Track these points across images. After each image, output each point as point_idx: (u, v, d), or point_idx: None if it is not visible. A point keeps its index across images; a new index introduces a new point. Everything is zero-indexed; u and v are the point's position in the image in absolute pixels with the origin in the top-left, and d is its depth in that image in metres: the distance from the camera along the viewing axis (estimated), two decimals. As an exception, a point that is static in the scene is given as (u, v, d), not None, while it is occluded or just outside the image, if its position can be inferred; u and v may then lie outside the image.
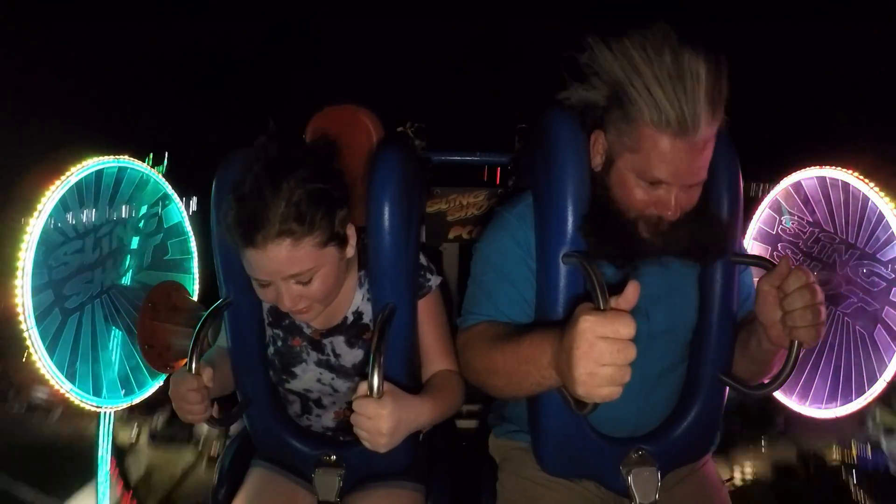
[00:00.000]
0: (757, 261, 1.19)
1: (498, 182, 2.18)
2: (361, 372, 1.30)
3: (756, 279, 1.10)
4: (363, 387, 0.98)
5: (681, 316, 1.24)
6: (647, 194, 1.09)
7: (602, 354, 0.78)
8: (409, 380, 1.24)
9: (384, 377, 0.98)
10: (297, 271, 1.09)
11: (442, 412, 1.18)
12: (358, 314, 1.30)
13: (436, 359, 1.29)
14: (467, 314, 1.23)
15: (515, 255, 1.20)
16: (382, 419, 0.97)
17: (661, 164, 1.04)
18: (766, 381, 1.11)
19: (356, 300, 1.29)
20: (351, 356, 1.30)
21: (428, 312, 1.29)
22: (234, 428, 1.70)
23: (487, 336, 1.13)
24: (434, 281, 1.31)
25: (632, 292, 0.82)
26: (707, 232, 1.15)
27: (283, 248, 1.05)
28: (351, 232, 1.18)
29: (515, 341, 1.02)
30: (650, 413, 1.25)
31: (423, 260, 1.31)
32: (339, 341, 1.30)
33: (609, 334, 0.78)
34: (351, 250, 1.20)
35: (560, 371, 0.88)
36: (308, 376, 1.32)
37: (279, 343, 1.33)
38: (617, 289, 0.83)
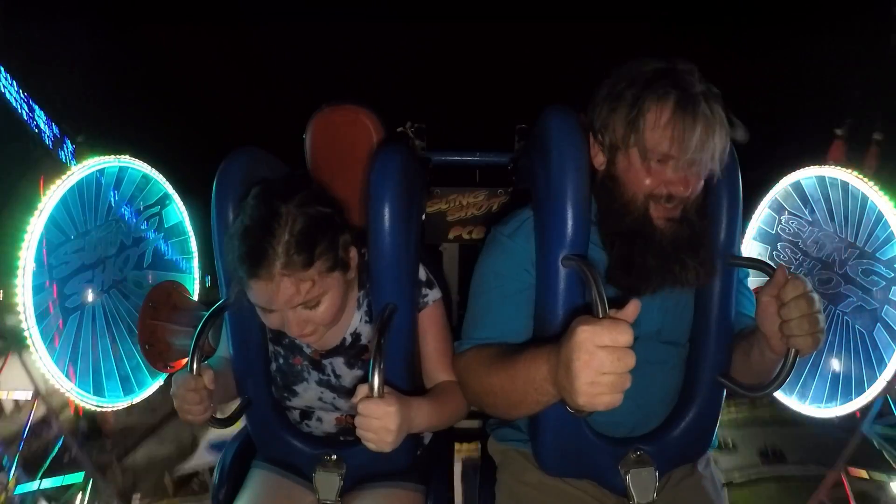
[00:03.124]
0: (754, 263, 1.19)
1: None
2: None
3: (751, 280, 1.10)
4: (363, 389, 0.98)
5: (677, 318, 1.24)
6: (655, 177, 1.09)
7: (602, 363, 0.78)
8: (408, 383, 1.24)
9: (384, 381, 0.98)
10: (304, 300, 1.08)
11: (441, 417, 1.18)
12: (356, 335, 1.29)
13: (439, 369, 1.28)
14: (465, 338, 1.22)
15: (511, 273, 1.19)
16: (390, 417, 0.97)
17: (665, 135, 1.06)
18: (763, 384, 1.11)
19: (354, 321, 1.28)
20: (351, 376, 1.30)
21: (430, 322, 1.28)
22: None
23: (482, 359, 1.12)
24: (432, 296, 1.29)
25: (632, 310, 0.82)
26: (703, 254, 1.14)
27: (289, 281, 1.05)
28: (353, 255, 1.18)
29: (510, 362, 1.01)
30: (647, 413, 1.25)
31: (422, 274, 1.29)
32: (338, 362, 1.29)
33: (608, 343, 0.78)
34: (353, 272, 1.19)
35: (559, 384, 0.87)
36: (309, 395, 1.32)
37: (281, 360, 1.32)
38: (617, 302, 0.83)
